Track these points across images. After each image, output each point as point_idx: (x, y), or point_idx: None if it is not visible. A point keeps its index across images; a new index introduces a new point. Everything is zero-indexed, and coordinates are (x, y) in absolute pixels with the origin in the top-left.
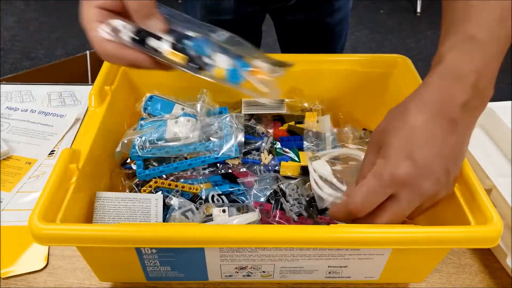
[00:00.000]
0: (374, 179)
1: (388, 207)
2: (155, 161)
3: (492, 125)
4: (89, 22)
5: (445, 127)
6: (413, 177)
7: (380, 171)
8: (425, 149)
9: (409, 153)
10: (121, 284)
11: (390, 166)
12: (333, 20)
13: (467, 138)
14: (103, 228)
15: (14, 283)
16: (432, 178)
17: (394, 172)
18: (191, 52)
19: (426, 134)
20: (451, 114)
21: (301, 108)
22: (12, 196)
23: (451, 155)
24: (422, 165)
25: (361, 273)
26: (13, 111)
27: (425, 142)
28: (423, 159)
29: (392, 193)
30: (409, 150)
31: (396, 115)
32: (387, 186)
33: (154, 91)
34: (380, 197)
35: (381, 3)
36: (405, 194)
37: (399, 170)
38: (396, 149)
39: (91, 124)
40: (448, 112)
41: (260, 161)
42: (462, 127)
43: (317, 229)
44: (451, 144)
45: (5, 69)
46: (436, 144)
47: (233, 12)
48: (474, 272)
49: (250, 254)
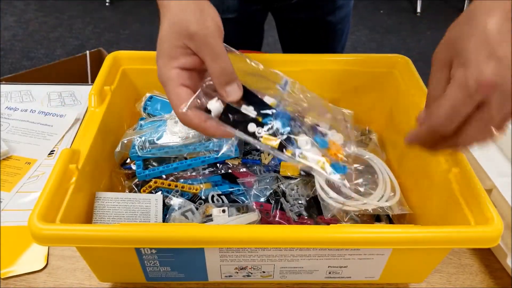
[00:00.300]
0: (459, 89)
1: (477, 116)
2: (155, 161)
3: None
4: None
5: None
6: (502, 76)
7: (463, 80)
8: (505, 45)
9: (491, 53)
10: (121, 284)
11: (473, 71)
12: (335, 19)
13: None
14: (103, 229)
15: (14, 283)
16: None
17: (480, 76)
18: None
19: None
20: None
21: None
22: (12, 196)
23: None
24: (508, 61)
25: (361, 273)
26: (13, 111)
27: (502, 39)
28: (507, 55)
29: (481, 100)
30: (490, 50)
31: (463, 25)
32: (475, 93)
33: (153, 91)
34: (468, 106)
35: (381, 3)
36: (496, 96)
37: (485, 72)
38: (475, 54)
39: (91, 124)
40: None
41: (260, 161)
42: None
43: (317, 229)
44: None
45: (5, 69)
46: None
47: (237, 10)
48: (474, 272)
49: (250, 254)
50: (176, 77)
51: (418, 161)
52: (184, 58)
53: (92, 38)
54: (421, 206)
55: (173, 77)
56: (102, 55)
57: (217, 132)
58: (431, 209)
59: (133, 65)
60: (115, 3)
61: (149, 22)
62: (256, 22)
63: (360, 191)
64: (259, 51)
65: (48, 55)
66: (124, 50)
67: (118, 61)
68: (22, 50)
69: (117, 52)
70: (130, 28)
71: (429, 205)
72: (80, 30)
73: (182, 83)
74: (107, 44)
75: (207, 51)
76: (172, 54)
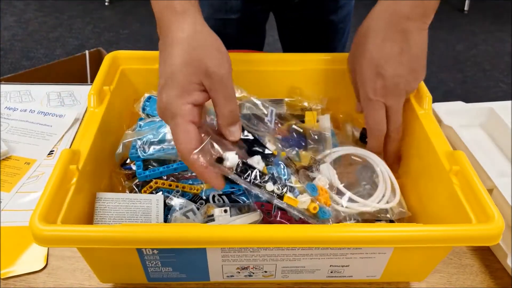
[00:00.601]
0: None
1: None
2: (155, 162)
3: (493, 125)
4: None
5: (400, 39)
6: (387, 87)
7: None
8: (387, 65)
9: (378, 72)
10: (121, 285)
11: (370, 86)
12: (337, 18)
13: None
14: (104, 229)
15: (13, 284)
16: (401, 82)
17: (374, 89)
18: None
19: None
20: (401, 27)
21: (301, 108)
22: (11, 197)
23: (413, 57)
24: (390, 76)
25: (363, 272)
26: (12, 111)
27: (385, 59)
28: (389, 72)
29: (384, 102)
30: (376, 71)
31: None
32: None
33: (151, 92)
34: (380, 106)
35: None
36: (390, 98)
37: (377, 86)
38: (368, 74)
39: (90, 124)
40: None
41: None
42: (416, 31)
43: (319, 228)
44: (410, 49)
45: (5, 69)
46: (394, 57)
47: (240, 11)
48: (474, 272)
49: (252, 254)
50: (188, 113)
51: (418, 160)
52: (197, 94)
53: (92, 38)
54: (422, 204)
55: (185, 113)
56: (101, 55)
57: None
58: (432, 208)
59: (132, 65)
60: (114, 3)
61: (149, 22)
62: (258, 22)
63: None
64: (261, 51)
65: (47, 55)
66: (123, 50)
67: (117, 61)
68: (22, 50)
69: (116, 52)
70: (129, 28)
71: (430, 203)
72: (79, 30)
73: (192, 120)
74: (106, 44)
75: (221, 91)
76: (187, 88)
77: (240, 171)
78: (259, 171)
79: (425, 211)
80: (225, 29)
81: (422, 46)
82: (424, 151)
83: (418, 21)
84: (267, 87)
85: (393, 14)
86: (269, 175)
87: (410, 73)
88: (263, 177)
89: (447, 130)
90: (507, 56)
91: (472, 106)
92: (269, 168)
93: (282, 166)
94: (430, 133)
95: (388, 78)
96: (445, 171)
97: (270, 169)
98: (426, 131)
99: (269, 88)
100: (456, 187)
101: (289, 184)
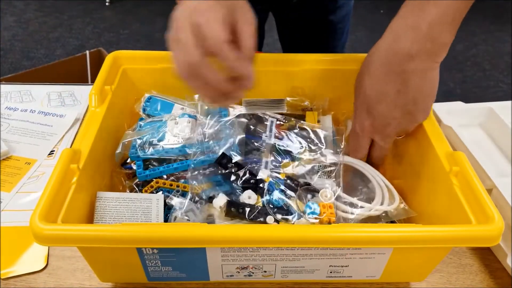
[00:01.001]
0: (355, 131)
1: (374, 146)
2: (155, 161)
3: (492, 125)
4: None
5: (397, 80)
6: (376, 127)
7: (355, 126)
8: (379, 105)
9: (368, 111)
10: (121, 284)
11: (359, 122)
12: (336, 18)
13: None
14: (104, 229)
15: (14, 284)
16: (393, 123)
17: (362, 125)
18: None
19: (378, 92)
20: (400, 67)
21: (302, 108)
22: (11, 197)
23: (410, 101)
24: (380, 117)
25: (362, 272)
26: (13, 111)
27: (378, 100)
28: (380, 113)
29: (370, 137)
30: (367, 109)
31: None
32: (364, 134)
33: (152, 92)
34: (365, 141)
35: (381, 3)
36: (377, 137)
37: (365, 124)
38: (359, 109)
39: (91, 124)
40: (396, 66)
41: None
42: (419, 72)
43: (319, 228)
44: (407, 92)
45: (5, 69)
46: (388, 98)
47: None
48: (474, 272)
49: (252, 254)
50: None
51: (418, 160)
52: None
53: (92, 38)
54: (422, 205)
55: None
56: (102, 55)
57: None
58: (432, 208)
59: (133, 65)
60: (115, 3)
61: (149, 22)
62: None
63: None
64: (260, 51)
65: (48, 55)
66: (125, 50)
67: (119, 61)
68: (22, 50)
69: (117, 51)
70: (130, 28)
71: (430, 204)
72: (80, 30)
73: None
74: (107, 44)
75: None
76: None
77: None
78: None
79: (425, 211)
80: None
81: (423, 89)
82: (424, 151)
83: (425, 60)
84: (267, 87)
85: (394, 54)
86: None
87: (404, 115)
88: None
89: (447, 130)
90: (507, 56)
91: (472, 106)
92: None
93: (276, 192)
94: (430, 134)
95: (378, 118)
96: (445, 171)
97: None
98: (426, 131)
99: (269, 88)
100: (456, 188)
101: (288, 207)
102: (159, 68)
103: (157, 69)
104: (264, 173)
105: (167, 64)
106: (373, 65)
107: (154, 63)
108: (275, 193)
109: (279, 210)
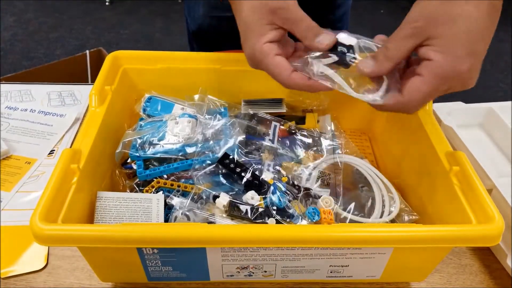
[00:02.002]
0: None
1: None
2: (156, 161)
3: (492, 125)
4: (266, 56)
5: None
6: (472, 71)
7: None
8: (482, 43)
9: (472, 49)
10: (121, 284)
11: (454, 62)
12: (334, 17)
13: None
14: (104, 228)
15: (14, 283)
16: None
17: (459, 68)
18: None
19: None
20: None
21: (302, 109)
22: (12, 196)
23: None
24: (480, 59)
25: (363, 272)
26: (13, 110)
27: (482, 36)
28: (482, 53)
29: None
30: (471, 45)
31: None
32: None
33: (152, 92)
34: (440, 93)
35: (381, 3)
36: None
37: (464, 67)
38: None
39: (91, 124)
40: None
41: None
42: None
43: (319, 228)
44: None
45: (5, 69)
46: (488, 36)
47: None
48: (474, 272)
49: (252, 253)
50: (270, 50)
51: (418, 160)
52: (272, 33)
53: (92, 38)
54: (422, 205)
55: (268, 52)
56: (102, 54)
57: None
58: (432, 208)
59: (133, 65)
60: (115, 3)
61: (149, 22)
62: None
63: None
64: None
65: (48, 55)
66: (125, 50)
67: (119, 61)
68: (22, 50)
69: (117, 51)
70: (130, 28)
71: (430, 204)
72: (80, 30)
73: (276, 53)
74: (107, 44)
75: (291, 21)
76: (261, 32)
77: (230, 211)
78: (251, 207)
79: (425, 211)
80: (221, 27)
81: None
82: (424, 151)
83: None
84: (267, 87)
85: None
86: (263, 209)
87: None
88: (256, 212)
89: (447, 130)
90: (507, 56)
91: (472, 106)
92: (265, 201)
93: (278, 194)
94: (430, 133)
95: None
96: (445, 171)
97: (267, 200)
98: (426, 131)
99: (269, 88)
100: (456, 188)
101: (289, 210)
102: (159, 68)
103: (157, 69)
104: (268, 175)
105: (167, 64)
106: None
107: (154, 63)
108: (278, 195)
109: (281, 212)
